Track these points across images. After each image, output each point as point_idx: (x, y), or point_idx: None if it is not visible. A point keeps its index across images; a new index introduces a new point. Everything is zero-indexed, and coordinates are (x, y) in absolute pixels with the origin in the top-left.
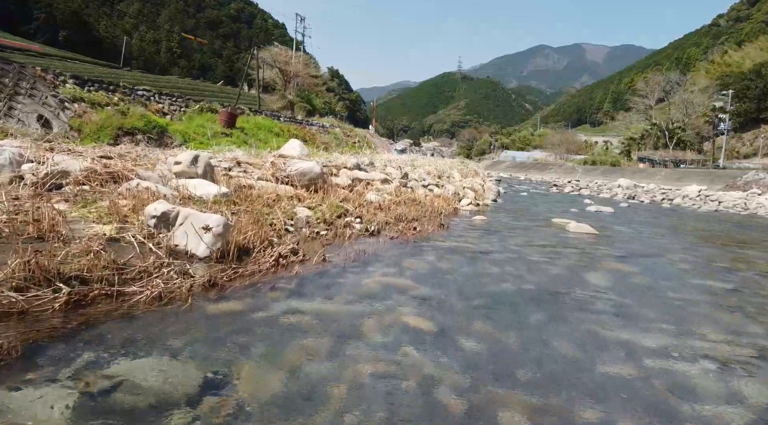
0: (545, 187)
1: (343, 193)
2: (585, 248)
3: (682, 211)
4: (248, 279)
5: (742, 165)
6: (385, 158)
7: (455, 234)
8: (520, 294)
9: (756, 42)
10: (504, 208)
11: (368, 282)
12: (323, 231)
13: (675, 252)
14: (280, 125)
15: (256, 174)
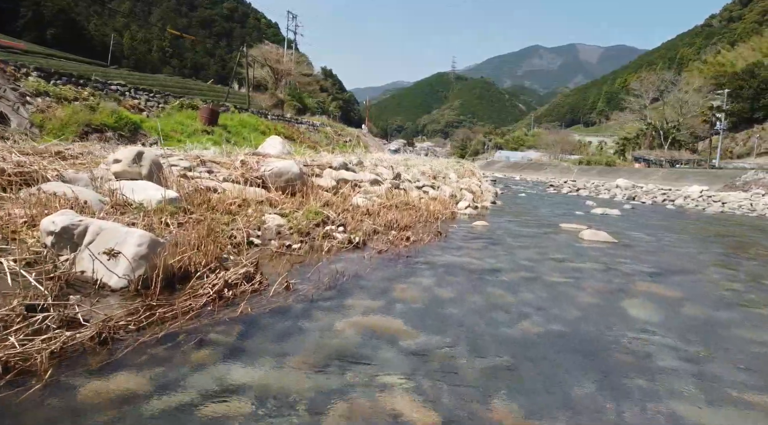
0: (542, 188)
1: (326, 196)
2: (607, 262)
3: (689, 213)
4: (168, 325)
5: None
6: (376, 157)
7: (455, 246)
8: (551, 341)
9: (749, 42)
10: (504, 210)
11: (344, 326)
12: (296, 244)
13: (711, 265)
14: (267, 123)
15: (223, 174)
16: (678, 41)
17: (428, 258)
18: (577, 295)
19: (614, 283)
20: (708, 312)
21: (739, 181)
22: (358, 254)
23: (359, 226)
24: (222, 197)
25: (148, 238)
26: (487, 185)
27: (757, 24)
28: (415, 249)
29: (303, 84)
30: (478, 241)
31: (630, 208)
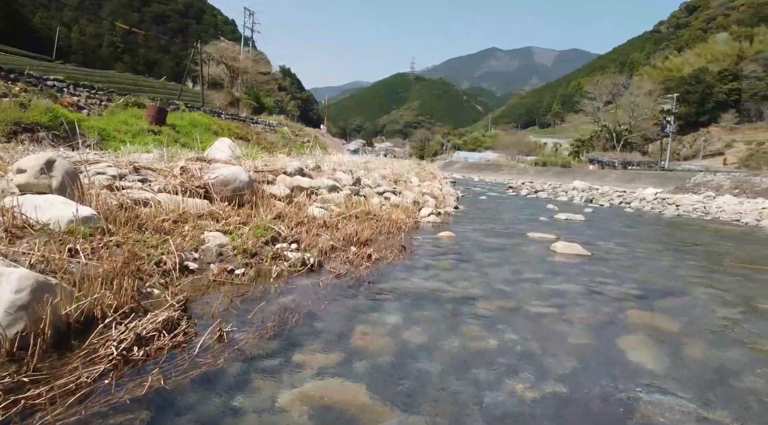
0: (501, 189)
1: (279, 206)
2: (587, 282)
3: (648, 217)
4: (37, 419)
5: (686, 166)
6: (335, 160)
7: (421, 264)
8: (551, 411)
9: (695, 48)
10: (468, 216)
11: (291, 401)
12: (240, 269)
13: (693, 284)
14: (220, 123)
15: (160, 184)
16: (628, 46)
17: (393, 283)
18: (566, 333)
19: (603, 313)
20: (715, 355)
21: (689, 183)
22: (313, 280)
23: (315, 242)
24: (154, 212)
25: (32, 281)
26: (448, 188)
27: (702, 31)
28: (377, 270)
29: (260, 83)
30: (446, 258)
31: (591, 211)
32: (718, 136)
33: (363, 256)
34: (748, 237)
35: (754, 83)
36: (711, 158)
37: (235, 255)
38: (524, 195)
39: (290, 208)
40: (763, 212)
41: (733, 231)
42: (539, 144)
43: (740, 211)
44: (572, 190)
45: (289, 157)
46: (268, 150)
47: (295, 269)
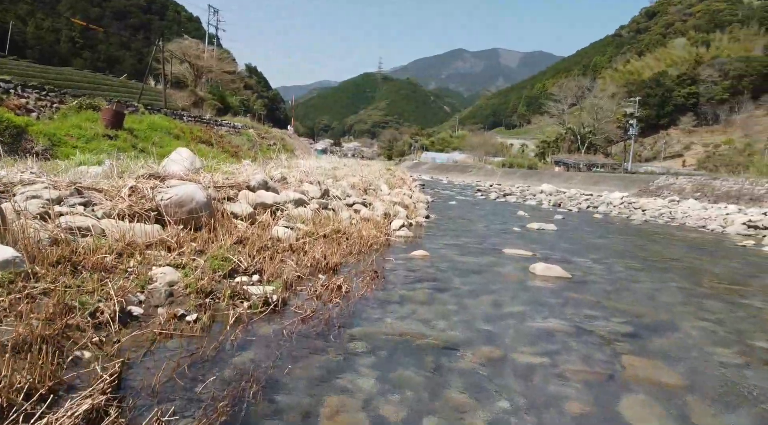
0: (470, 192)
1: (241, 227)
2: (574, 316)
3: (617, 223)
4: None
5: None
6: (303, 168)
7: (396, 297)
8: None
9: (654, 53)
10: (440, 227)
11: None
12: (192, 315)
13: (683, 315)
14: (182, 125)
15: (105, 208)
16: (591, 49)
17: (366, 325)
18: (562, 396)
19: (597, 363)
20: (727, 421)
21: (653, 186)
22: (276, 325)
23: (280, 271)
24: (95, 244)
25: None
26: (418, 194)
27: (662, 36)
28: (348, 306)
29: (226, 82)
30: (421, 286)
31: (561, 218)
32: (677, 138)
33: (332, 288)
34: (718, 248)
35: (711, 87)
36: (671, 159)
37: (188, 295)
38: (493, 199)
39: (253, 229)
40: (727, 218)
41: (703, 241)
42: (506, 145)
43: (705, 217)
44: (540, 194)
45: (254, 166)
46: (233, 154)
47: (257, 310)
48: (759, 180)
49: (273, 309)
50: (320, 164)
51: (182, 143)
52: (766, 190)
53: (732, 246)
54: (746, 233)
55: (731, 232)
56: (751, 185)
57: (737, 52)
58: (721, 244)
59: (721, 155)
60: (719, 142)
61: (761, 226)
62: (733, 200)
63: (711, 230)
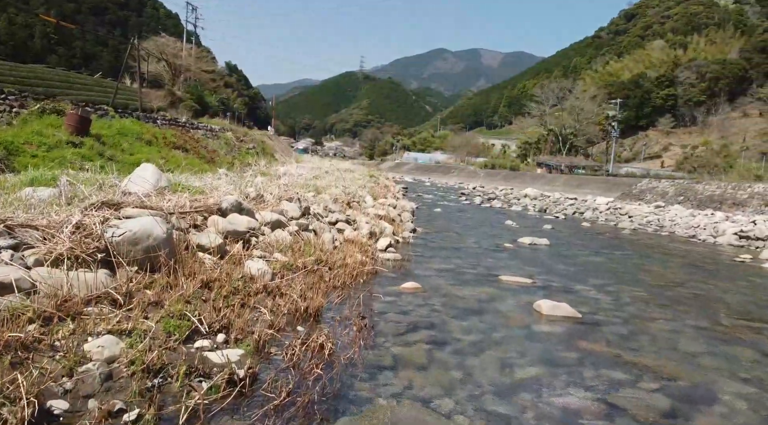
0: (454, 196)
1: (209, 263)
2: (597, 384)
3: (606, 233)
4: None
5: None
6: (282, 181)
7: (388, 359)
8: None
9: (633, 54)
10: (428, 244)
11: None
12: (132, 412)
13: (716, 374)
14: (155, 130)
15: (40, 252)
16: (571, 50)
17: (355, 413)
18: None
19: None
20: None
21: (635, 189)
22: (242, 420)
23: (251, 327)
24: (15, 309)
25: None
26: (403, 202)
27: (640, 38)
28: (333, 381)
29: (205, 81)
30: (416, 338)
31: (550, 228)
32: (656, 139)
33: (313, 348)
34: (718, 266)
35: (689, 89)
36: (650, 160)
37: (131, 375)
38: (478, 204)
39: (223, 265)
40: (717, 228)
41: (699, 256)
42: (487, 145)
43: (694, 225)
44: (524, 197)
45: (230, 175)
46: (209, 160)
47: (218, 395)
48: (741, 184)
49: (240, 390)
50: (301, 172)
51: (154, 150)
52: (748, 195)
53: (729, 262)
54: (738, 244)
55: (723, 243)
56: (734, 189)
57: (714, 54)
58: (718, 260)
59: (698, 156)
60: (697, 143)
61: (753, 236)
62: (716, 204)
63: (702, 240)
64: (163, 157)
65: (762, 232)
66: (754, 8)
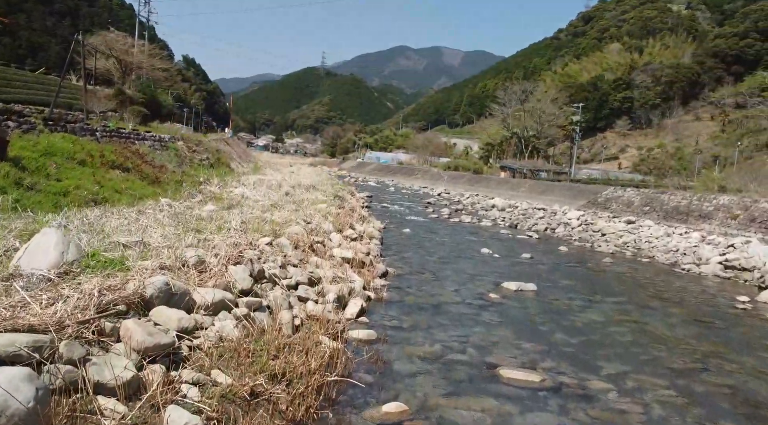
0: (420, 206)
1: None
2: None
3: (589, 264)
4: None
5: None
6: (238, 205)
7: None
8: None
9: (591, 57)
10: (405, 303)
11: None
12: None
13: None
14: (92, 146)
15: None
16: (531, 50)
17: None
18: None
19: None
20: None
21: (601, 198)
22: None
23: None
24: None
25: None
26: (370, 227)
27: (598, 41)
28: None
29: (159, 78)
30: None
31: (529, 257)
32: (614, 141)
33: None
34: (725, 320)
35: (644, 92)
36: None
37: None
38: (447, 216)
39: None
40: (699, 253)
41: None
42: (449, 144)
43: (673, 249)
44: (492, 209)
45: (168, 221)
46: (153, 180)
47: None
48: (706, 195)
49: None
50: (258, 197)
51: (87, 172)
52: (714, 207)
53: (732, 310)
54: (725, 275)
55: (708, 274)
56: (699, 201)
57: (668, 58)
58: (718, 307)
59: (654, 159)
60: (652, 145)
61: (738, 267)
62: (683, 216)
63: (686, 271)
64: (97, 182)
65: (748, 262)
66: (705, 14)
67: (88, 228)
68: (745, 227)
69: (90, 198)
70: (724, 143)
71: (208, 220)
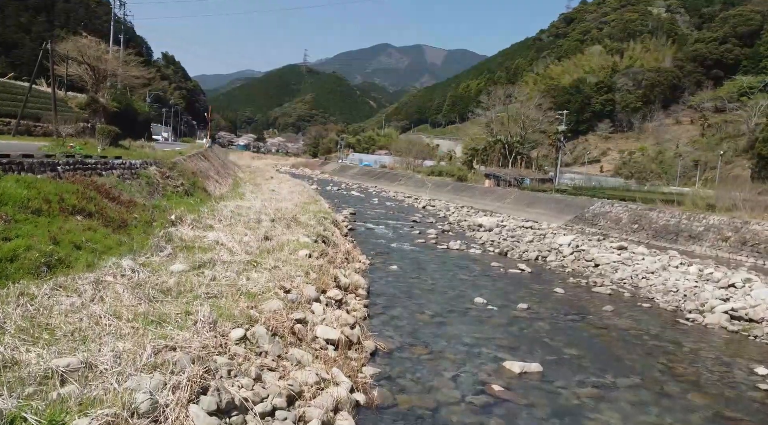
0: (406, 225)
1: None
2: None
3: (590, 317)
4: None
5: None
6: (210, 263)
7: None
8: None
9: (573, 59)
10: (399, 417)
11: None
12: None
13: None
14: (51, 187)
15: None
16: (513, 51)
17: None
18: None
19: None
20: None
21: (588, 213)
22: None
23: None
24: None
25: None
26: (356, 276)
27: (579, 42)
28: None
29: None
30: None
31: (525, 308)
32: (595, 144)
33: None
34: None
35: (626, 96)
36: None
37: None
38: (434, 242)
39: None
40: (701, 297)
41: (708, 372)
42: (432, 146)
43: (672, 289)
44: (480, 228)
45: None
46: (119, 226)
47: None
48: (695, 214)
49: None
50: (233, 243)
51: (43, 223)
52: (704, 227)
53: (758, 396)
54: (732, 328)
55: (714, 324)
56: (689, 220)
57: (649, 61)
58: (740, 388)
59: (635, 162)
60: (633, 148)
61: (745, 317)
62: (672, 236)
63: (692, 321)
64: (53, 238)
65: (755, 312)
66: (684, 17)
67: (29, 322)
68: (736, 250)
69: (42, 262)
70: (704, 147)
71: (175, 294)
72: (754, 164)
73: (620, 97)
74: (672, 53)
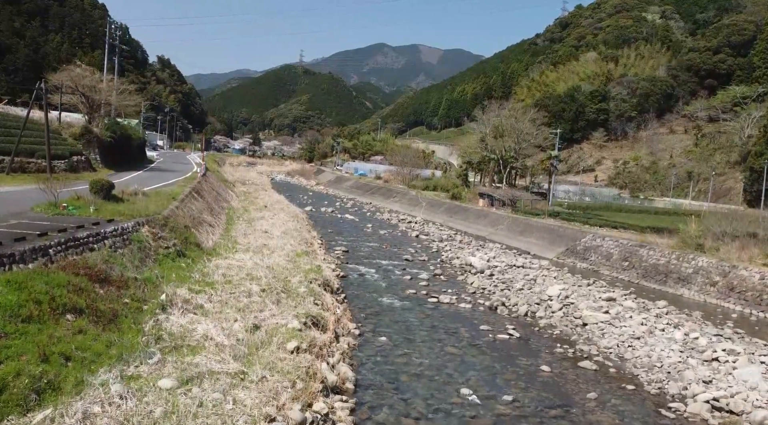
0: (398, 268)
1: None
2: None
3: (574, 408)
4: None
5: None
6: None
7: None
8: None
9: (568, 65)
10: None
11: None
12: None
13: None
14: (41, 287)
15: None
16: (508, 53)
17: None
18: None
19: None
20: None
21: (580, 246)
22: None
23: None
24: None
25: None
26: (345, 368)
27: (574, 48)
28: None
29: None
30: None
31: (511, 400)
32: (590, 152)
33: None
34: None
35: (620, 104)
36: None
37: None
38: (424, 294)
39: None
40: (684, 377)
41: None
42: (428, 153)
43: (657, 364)
44: (471, 269)
45: None
46: (110, 319)
47: None
48: (684, 254)
49: None
50: (222, 337)
51: (33, 331)
52: (693, 270)
53: None
54: (713, 422)
55: (697, 417)
56: (678, 261)
57: (643, 68)
58: None
59: (629, 172)
60: (627, 157)
61: (726, 408)
62: (662, 277)
63: (674, 410)
64: (42, 353)
65: (735, 404)
66: (678, 23)
67: None
68: (724, 296)
69: (31, 389)
70: (698, 158)
71: None
72: (746, 177)
73: (614, 106)
74: (666, 60)
